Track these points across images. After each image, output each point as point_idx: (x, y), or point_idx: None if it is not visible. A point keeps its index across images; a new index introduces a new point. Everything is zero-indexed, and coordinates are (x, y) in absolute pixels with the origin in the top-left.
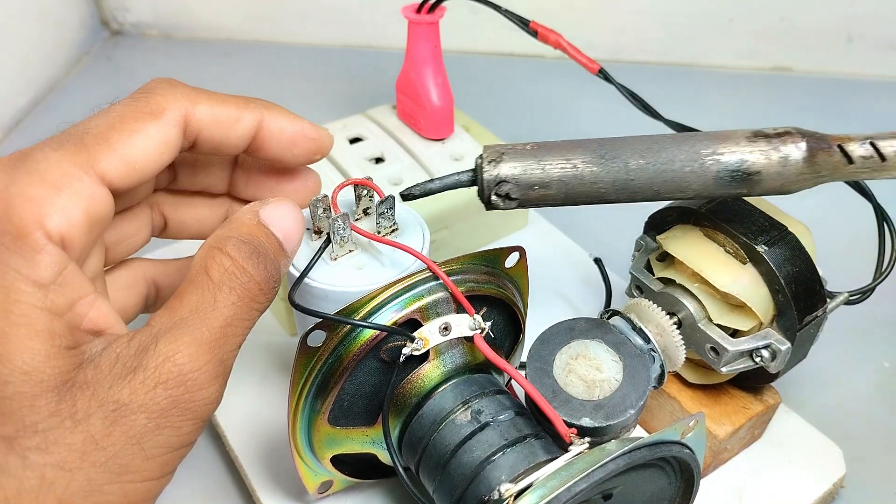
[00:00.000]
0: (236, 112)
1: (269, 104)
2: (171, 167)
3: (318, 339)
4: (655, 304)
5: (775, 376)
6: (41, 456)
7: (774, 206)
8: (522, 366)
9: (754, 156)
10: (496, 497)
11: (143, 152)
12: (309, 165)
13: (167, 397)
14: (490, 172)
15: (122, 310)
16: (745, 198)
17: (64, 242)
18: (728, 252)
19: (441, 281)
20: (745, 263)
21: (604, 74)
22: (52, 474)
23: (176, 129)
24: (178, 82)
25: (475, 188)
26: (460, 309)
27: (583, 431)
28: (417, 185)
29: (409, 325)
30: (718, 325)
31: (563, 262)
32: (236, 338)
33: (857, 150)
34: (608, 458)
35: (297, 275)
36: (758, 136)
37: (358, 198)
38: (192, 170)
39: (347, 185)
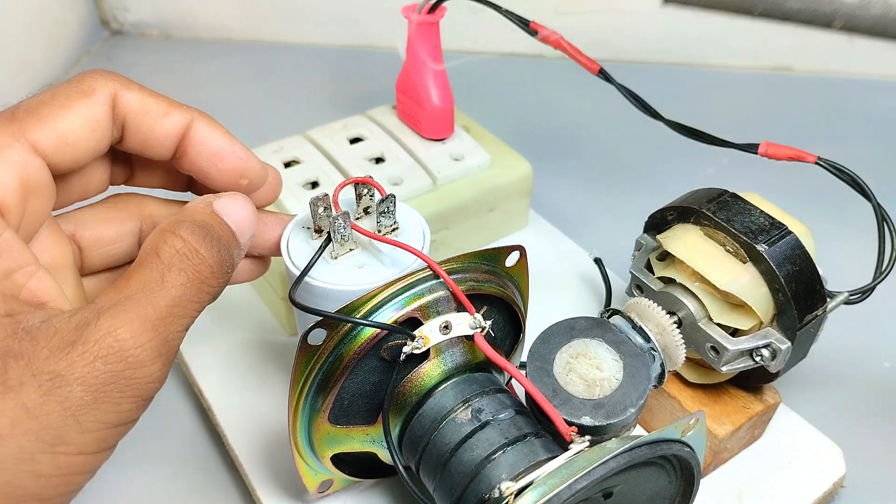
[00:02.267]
0: (167, 107)
1: (205, 114)
2: (127, 165)
3: (318, 337)
4: (655, 304)
5: (775, 376)
6: None
7: (774, 205)
8: (523, 365)
9: None
10: (497, 495)
11: (72, 126)
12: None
13: (106, 371)
14: None
15: (118, 237)
16: (746, 198)
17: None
18: (728, 251)
19: (441, 280)
20: (745, 263)
21: (604, 74)
22: None
23: (104, 107)
24: (115, 73)
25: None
26: (461, 308)
27: (583, 430)
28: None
29: (410, 324)
30: (718, 325)
31: (563, 262)
32: (184, 319)
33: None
34: (609, 456)
35: (298, 274)
36: None
37: (358, 197)
38: (149, 171)
39: (348, 184)
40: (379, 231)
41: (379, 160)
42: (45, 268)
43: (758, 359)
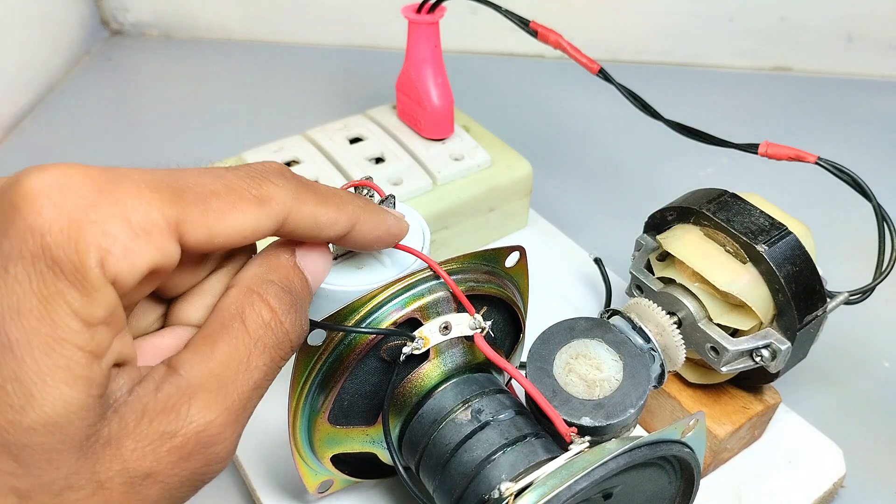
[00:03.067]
0: (335, 216)
1: (365, 204)
2: None
3: (318, 338)
4: (655, 304)
5: (775, 376)
6: None
7: (775, 205)
8: (523, 365)
9: None
10: (496, 496)
11: (228, 231)
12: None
13: (189, 471)
14: None
15: None
16: (746, 198)
17: (116, 283)
18: (728, 252)
19: (441, 280)
20: (745, 263)
21: (604, 74)
22: None
23: (272, 222)
24: (290, 172)
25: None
26: (461, 308)
27: (583, 430)
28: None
29: (410, 325)
30: (718, 325)
31: (563, 262)
32: (257, 401)
33: None
34: (608, 457)
35: None
36: None
37: None
38: None
39: (349, 187)
40: None
41: (379, 160)
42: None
43: (758, 359)
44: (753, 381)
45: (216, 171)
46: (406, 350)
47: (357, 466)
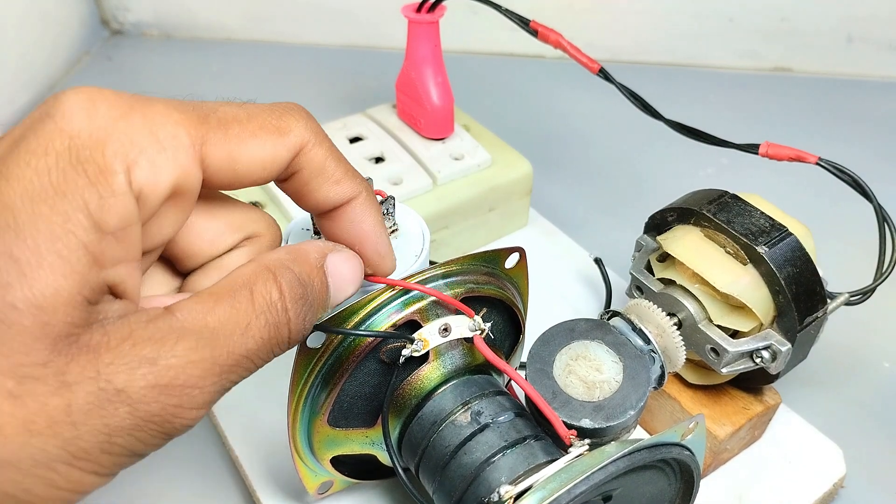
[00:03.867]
0: (341, 175)
1: (371, 191)
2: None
3: (317, 340)
4: (655, 305)
5: (775, 377)
6: (9, 404)
7: (775, 206)
8: (522, 367)
9: None
10: (496, 499)
11: (248, 157)
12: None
13: (158, 403)
14: None
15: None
16: (746, 199)
17: (140, 198)
18: (728, 253)
19: (443, 282)
20: (745, 264)
21: (604, 74)
22: (10, 431)
23: (289, 153)
24: (312, 120)
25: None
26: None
27: (583, 433)
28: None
29: (409, 327)
30: (719, 326)
31: (563, 262)
32: (245, 372)
33: None
34: (608, 461)
35: None
36: None
37: None
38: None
39: None
40: None
41: (379, 160)
42: (140, 265)
43: (758, 360)
44: (754, 382)
45: (240, 103)
46: (405, 352)
47: (357, 468)
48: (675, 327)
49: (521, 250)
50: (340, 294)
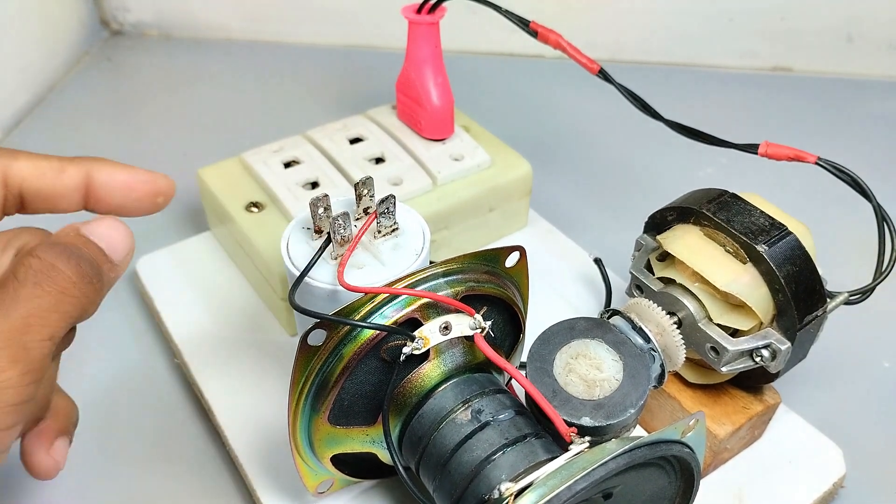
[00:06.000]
0: (59, 164)
1: (96, 158)
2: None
3: (318, 338)
4: (655, 304)
5: (775, 376)
6: None
7: (775, 206)
8: (523, 365)
9: None
10: (496, 496)
11: None
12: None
13: None
14: None
15: None
16: (746, 198)
17: None
18: (728, 252)
19: (442, 280)
20: (745, 263)
21: (604, 74)
22: None
23: None
24: None
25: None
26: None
27: (583, 431)
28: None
29: (410, 324)
30: (718, 325)
31: (563, 262)
32: (44, 328)
33: None
34: (608, 457)
35: (297, 274)
36: None
37: (358, 197)
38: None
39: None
40: (379, 231)
41: (379, 160)
42: None
43: (758, 359)
44: (753, 381)
45: None
46: (406, 350)
47: (357, 466)
48: (675, 326)
49: (521, 249)
50: (116, 249)
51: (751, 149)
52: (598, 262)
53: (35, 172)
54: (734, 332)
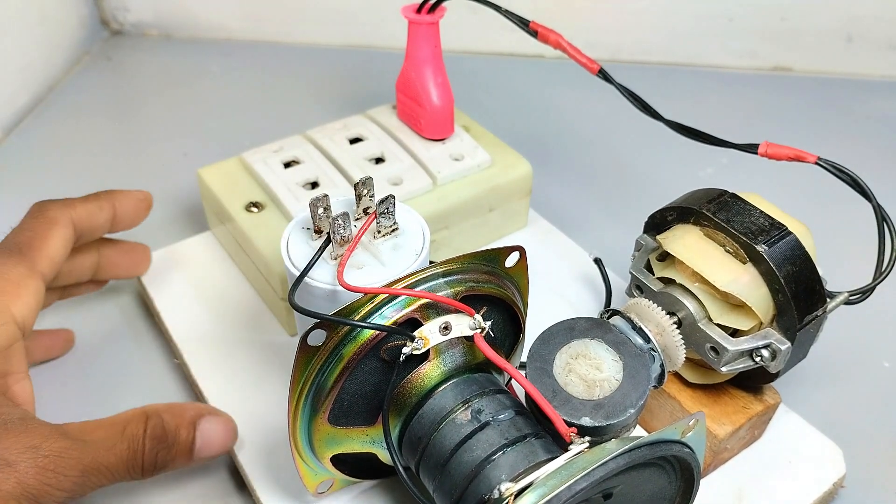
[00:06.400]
0: (97, 205)
1: (116, 192)
2: None
3: (318, 338)
4: (655, 304)
5: (775, 376)
6: None
7: (775, 206)
8: (522, 365)
9: None
10: (496, 496)
11: (57, 250)
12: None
13: (37, 481)
14: None
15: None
16: (746, 198)
17: (24, 325)
18: (728, 252)
19: (442, 280)
20: (745, 263)
21: (604, 74)
22: None
23: (70, 228)
24: (54, 201)
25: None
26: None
27: (583, 431)
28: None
29: (410, 325)
30: (718, 325)
31: (563, 262)
32: (104, 480)
33: None
34: (608, 457)
35: (297, 274)
36: None
37: (358, 197)
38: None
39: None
40: (379, 232)
41: (379, 160)
42: (28, 379)
43: (758, 359)
44: (753, 381)
45: (20, 227)
46: (406, 350)
47: (357, 466)
48: (675, 326)
49: (521, 249)
50: (206, 450)
51: (751, 149)
52: (598, 262)
53: (87, 216)
54: (734, 332)
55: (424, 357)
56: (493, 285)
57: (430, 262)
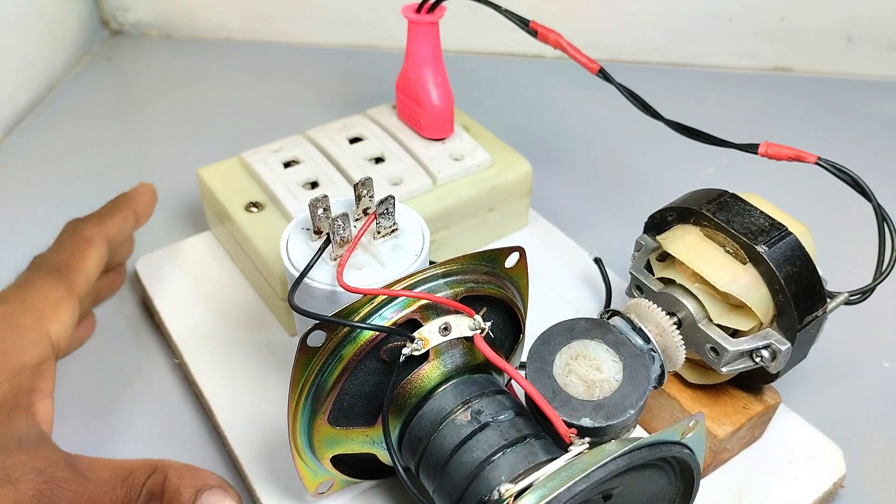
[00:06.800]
0: (122, 216)
1: (130, 196)
2: None
3: (318, 339)
4: (655, 304)
5: (775, 376)
6: None
7: (775, 206)
8: (522, 366)
9: None
10: (496, 497)
11: (93, 268)
12: None
13: (36, 501)
14: None
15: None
16: (746, 198)
17: (59, 345)
18: (728, 252)
19: (441, 281)
20: (745, 263)
21: (604, 74)
22: None
23: (105, 247)
24: (87, 219)
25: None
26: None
27: (583, 431)
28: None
29: (410, 325)
30: (718, 325)
31: (563, 262)
32: None
33: None
34: (608, 459)
35: (297, 275)
36: None
37: (358, 198)
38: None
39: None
40: (378, 232)
41: (379, 160)
42: (52, 398)
43: (758, 360)
44: (753, 381)
45: (56, 248)
46: (406, 351)
47: (357, 467)
48: (675, 326)
49: (521, 249)
50: None
51: (751, 149)
52: (598, 262)
53: (119, 234)
54: (734, 333)
55: (424, 358)
56: (493, 286)
57: (430, 263)
